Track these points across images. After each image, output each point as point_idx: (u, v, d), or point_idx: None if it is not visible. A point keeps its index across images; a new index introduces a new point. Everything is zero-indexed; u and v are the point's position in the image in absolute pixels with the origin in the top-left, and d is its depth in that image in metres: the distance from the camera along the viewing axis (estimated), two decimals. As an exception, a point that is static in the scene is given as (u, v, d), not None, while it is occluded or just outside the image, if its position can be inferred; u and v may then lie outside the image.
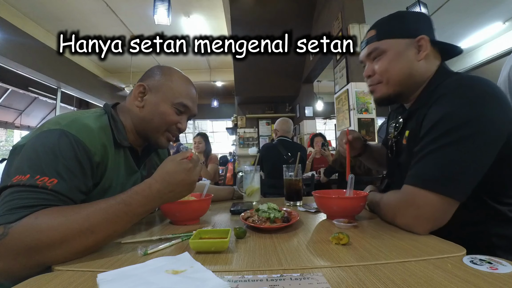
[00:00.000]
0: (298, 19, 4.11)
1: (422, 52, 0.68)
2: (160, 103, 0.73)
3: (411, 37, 0.69)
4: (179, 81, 0.77)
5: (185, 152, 0.62)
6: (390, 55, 0.70)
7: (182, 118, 0.78)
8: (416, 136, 0.65)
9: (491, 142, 0.56)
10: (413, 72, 0.70)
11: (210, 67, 6.65)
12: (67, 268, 0.45)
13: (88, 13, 4.27)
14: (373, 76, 0.74)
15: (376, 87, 0.75)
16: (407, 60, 0.69)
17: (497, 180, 0.61)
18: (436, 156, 0.57)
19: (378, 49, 0.71)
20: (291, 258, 0.47)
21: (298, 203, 1.01)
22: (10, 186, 0.50)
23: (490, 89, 0.58)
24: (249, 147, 5.77)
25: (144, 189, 0.56)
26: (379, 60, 0.72)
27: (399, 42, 0.70)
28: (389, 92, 0.73)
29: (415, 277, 0.38)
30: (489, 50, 5.18)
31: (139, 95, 0.74)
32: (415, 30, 0.69)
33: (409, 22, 0.71)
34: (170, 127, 0.76)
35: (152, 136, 0.76)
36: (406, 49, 0.69)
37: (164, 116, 0.74)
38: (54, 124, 0.58)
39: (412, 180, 0.60)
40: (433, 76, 0.70)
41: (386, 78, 0.72)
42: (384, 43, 0.71)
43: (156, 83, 0.75)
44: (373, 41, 0.73)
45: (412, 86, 0.71)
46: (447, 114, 0.57)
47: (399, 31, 0.70)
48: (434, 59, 0.71)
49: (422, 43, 0.68)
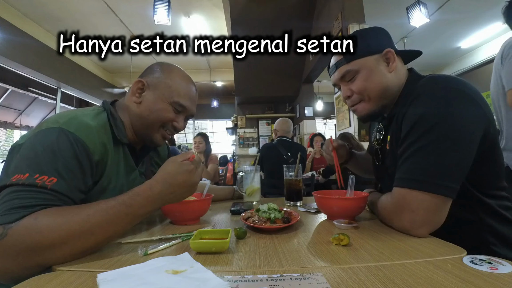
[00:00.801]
0: (298, 19, 4.11)
1: (392, 64, 0.72)
2: (157, 100, 0.73)
3: (378, 53, 0.72)
4: (179, 79, 0.76)
5: (187, 153, 0.62)
6: (364, 74, 0.72)
7: (178, 117, 0.77)
8: (398, 139, 0.67)
9: (468, 138, 0.58)
10: (389, 84, 0.72)
11: (210, 67, 6.65)
12: (67, 268, 0.45)
13: (88, 13, 4.27)
14: (352, 96, 0.76)
15: (358, 106, 0.76)
16: (380, 74, 0.71)
17: (481, 175, 0.63)
18: (419, 156, 0.58)
19: (351, 71, 0.73)
20: (291, 259, 0.47)
21: (298, 203, 1.01)
22: (9, 185, 0.49)
23: (463, 87, 0.60)
24: (249, 147, 5.77)
25: (145, 190, 0.55)
26: (355, 80, 0.74)
27: (368, 59, 0.72)
28: (374, 107, 0.74)
29: (415, 277, 0.38)
30: (489, 50, 5.18)
31: (138, 91, 0.74)
32: (378, 45, 0.72)
33: (370, 39, 0.73)
34: (165, 124, 0.75)
35: (147, 133, 0.75)
36: (377, 64, 0.71)
37: (160, 112, 0.73)
38: (53, 122, 0.58)
39: (400, 183, 0.60)
40: (406, 81, 0.73)
41: (367, 95, 0.73)
42: (355, 64, 0.72)
43: (155, 80, 0.74)
44: (342, 64, 0.74)
45: (391, 96, 0.73)
46: (424, 114, 0.59)
47: (365, 49, 0.72)
48: (402, 67, 0.75)
49: (390, 55, 0.72)
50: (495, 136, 0.64)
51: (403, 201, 0.59)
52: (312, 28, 4.21)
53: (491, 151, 0.63)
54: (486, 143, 0.61)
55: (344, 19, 2.86)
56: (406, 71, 0.76)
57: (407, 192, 0.58)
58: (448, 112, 0.58)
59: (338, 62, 0.75)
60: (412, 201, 0.57)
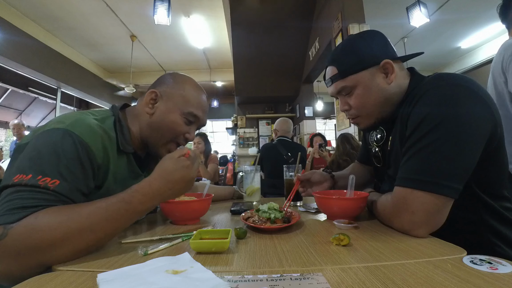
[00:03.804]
0: (298, 19, 4.11)
1: (391, 75, 0.69)
2: (171, 112, 0.73)
3: (374, 65, 0.68)
4: (191, 90, 0.76)
5: (182, 150, 0.63)
6: (360, 90, 0.70)
7: (191, 129, 0.77)
8: (402, 138, 0.65)
9: (473, 137, 0.56)
10: (388, 96, 0.70)
11: (210, 67, 6.65)
12: (67, 268, 0.45)
13: (88, 13, 4.27)
14: (349, 110, 0.75)
15: (357, 120, 0.76)
16: (378, 89, 0.69)
17: (485, 175, 0.61)
18: (423, 155, 0.57)
19: (346, 87, 0.71)
20: (291, 259, 0.47)
21: (298, 203, 1.01)
22: (11, 185, 0.49)
23: (470, 85, 0.58)
24: (249, 147, 5.77)
25: (144, 187, 0.56)
26: (351, 95, 0.72)
27: (364, 74, 0.69)
28: (372, 122, 0.74)
29: (415, 277, 0.38)
30: (489, 50, 5.18)
31: (151, 102, 0.74)
32: (374, 57, 0.69)
33: (365, 51, 0.69)
34: (177, 137, 0.76)
35: (155, 144, 0.75)
36: (374, 78, 0.69)
37: (172, 125, 0.73)
38: (58, 123, 0.58)
39: (402, 182, 0.59)
40: (409, 83, 0.71)
41: (365, 113, 0.72)
42: (350, 80, 0.70)
43: (168, 91, 0.74)
44: (337, 79, 0.72)
45: (391, 105, 0.72)
46: (429, 113, 0.58)
47: (359, 64, 0.69)
48: (402, 72, 0.72)
49: (388, 66, 0.68)
50: (502, 136, 0.62)
51: (403, 202, 0.58)
52: (312, 28, 4.21)
53: (497, 151, 0.61)
54: (493, 143, 0.59)
55: (344, 19, 2.86)
56: (408, 73, 0.73)
57: (409, 192, 0.57)
58: (454, 110, 0.56)
59: (334, 77, 0.73)
60: (413, 202, 0.56)
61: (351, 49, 0.72)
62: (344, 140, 2.44)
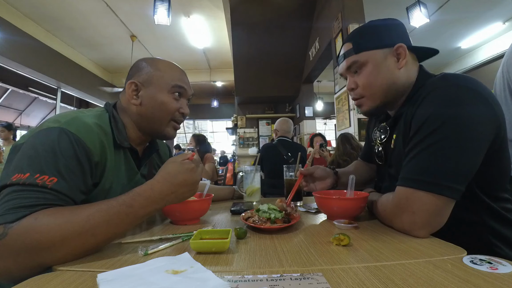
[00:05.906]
0: (298, 19, 4.11)
1: (402, 60, 0.69)
2: (157, 94, 0.73)
3: (389, 47, 0.69)
4: (166, 66, 0.76)
5: (186, 154, 0.62)
6: (370, 67, 0.70)
7: (182, 102, 0.77)
8: (406, 138, 0.65)
9: (477, 138, 0.56)
10: (395, 81, 0.70)
11: (210, 67, 6.66)
12: (67, 268, 0.45)
13: (88, 13, 4.27)
14: (356, 89, 0.75)
15: (361, 101, 0.75)
16: (387, 70, 0.69)
17: (488, 176, 0.61)
18: (425, 155, 0.57)
19: (358, 62, 0.71)
20: (291, 259, 0.47)
21: (298, 203, 1.01)
22: (9, 185, 0.49)
23: (475, 86, 0.58)
24: (249, 147, 5.77)
25: (146, 190, 0.55)
26: (360, 73, 0.72)
27: (377, 53, 0.69)
28: (375, 104, 0.73)
29: (415, 277, 0.38)
30: (489, 50, 5.19)
31: (134, 93, 0.74)
32: (390, 39, 0.70)
33: (383, 32, 0.71)
34: (173, 115, 0.76)
35: (158, 129, 0.76)
36: (385, 59, 0.69)
37: (163, 106, 0.73)
38: (54, 122, 0.58)
39: (404, 182, 0.59)
40: (416, 80, 0.71)
41: (370, 93, 0.72)
42: (363, 56, 0.70)
43: (146, 77, 0.74)
44: (350, 54, 0.72)
45: (396, 93, 0.71)
46: (433, 113, 0.57)
47: (375, 42, 0.70)
48: (413, 64, 0.72)
49: (401, 51, 0.68)
50: (505, 137, 0.61)
51: (405, 202, 0.58)
52: (312, 28, 4.21)
53: (499, 152, 0.61)
54: (495, 145, 0.59)
55: (344, 19, 2.87)
56: (417, 67, 0.73)
57: (411, 193, 0.57)
58: (458, 111, 0.55)
59: (347, 52, 0.74)
60: (414, 202, 0.56)
61: (370, 29, 0.73)
62: (344, 140, 2.44)
